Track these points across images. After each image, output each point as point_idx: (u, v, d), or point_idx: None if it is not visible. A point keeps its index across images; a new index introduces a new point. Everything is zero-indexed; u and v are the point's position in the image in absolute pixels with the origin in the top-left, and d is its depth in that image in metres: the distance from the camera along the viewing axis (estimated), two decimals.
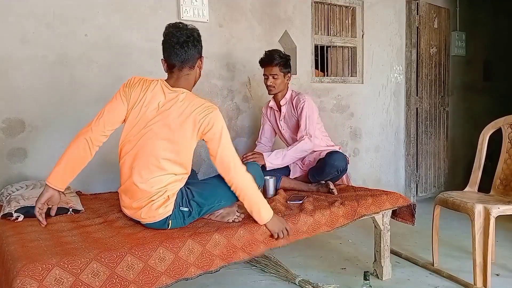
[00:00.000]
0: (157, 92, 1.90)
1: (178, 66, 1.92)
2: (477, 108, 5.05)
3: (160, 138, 1.83)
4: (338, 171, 2.63)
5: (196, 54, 1.93)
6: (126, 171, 1.89)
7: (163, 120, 1.84)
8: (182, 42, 1.88)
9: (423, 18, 4.33)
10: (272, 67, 2.72)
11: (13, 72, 2.49)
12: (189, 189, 1.95)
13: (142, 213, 1.85)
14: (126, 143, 1.90)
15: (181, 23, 1.95)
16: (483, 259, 2.33)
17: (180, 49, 1.89)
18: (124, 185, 1.91)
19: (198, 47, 1.94)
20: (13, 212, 1.97)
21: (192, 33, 1.92)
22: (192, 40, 1.90)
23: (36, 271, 1.42)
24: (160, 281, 1.62)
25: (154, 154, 1.83)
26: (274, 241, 1.95)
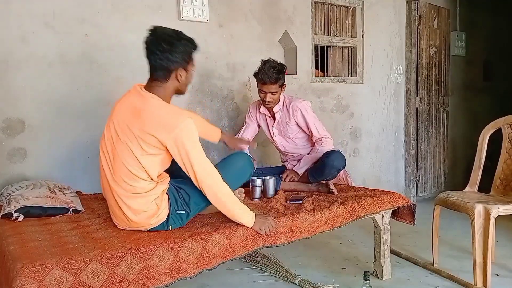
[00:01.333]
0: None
1: (151, 72, 1.82)
2: (477, 108, 5.05)
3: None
4: (338, 170, 2.64)
5: (170, 64, 1.77)
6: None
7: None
8: (149, 50, 1.78)
9: (423, 18, 4.33)
10: (272, 84, 2.64)
11: (13, 72, 2.49)
12: (183, 190, 1.89)
13: (133, 226, 1.83)
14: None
15: (159, 27, 1.82)
16: (483, 259, 2.33)
17: (148, 54, 1.79)
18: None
19: (174, 55, 1.77)
20: (13, 212, 1.97)
21: (164, 39, 1.76)
22: (162, 48, 1.75)
23: (36, 271, 1.42)
24: (160, 280, 1.62)
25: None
26: (273, 237, 1.95)
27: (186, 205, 1.88)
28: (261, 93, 2.71)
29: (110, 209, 1.91)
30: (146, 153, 1.74)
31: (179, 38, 1.80)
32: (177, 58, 1.78)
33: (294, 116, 2.77)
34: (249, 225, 1.87)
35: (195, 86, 3.11)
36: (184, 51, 1.81)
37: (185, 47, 1.81)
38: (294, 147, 2.89)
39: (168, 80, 1.82)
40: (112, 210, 1.89)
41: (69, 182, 2.55)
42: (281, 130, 2.87)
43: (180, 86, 1.87)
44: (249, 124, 2.95)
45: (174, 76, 1.82)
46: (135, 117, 1.75)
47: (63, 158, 2.66)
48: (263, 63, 2.67)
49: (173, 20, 2.98)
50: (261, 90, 2.70)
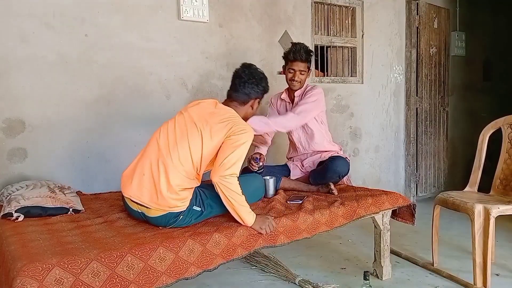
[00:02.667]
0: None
1: (231, 96, 2.16)
2: (477, 108, 5.05)
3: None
4: (340, 176, 2.64)
5: (253, 93, 2.13)
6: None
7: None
8: (241, 78, 2.14)
9: (423, 18, 4.33)
10: (301, 62, 2.70)
11: (13, 72, 2.49)
12: (202, 191, 2.02)
13: (155, 201, 1.87)
14: None
15: (253, 65, 2.22)
16: (483, 259, 2.33)
17: (238, 81, 2.15)
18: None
19: (258, 88, 2.14)
20: (13, 212, 1.97)
21: (257, 74, 2.15)
22: (253, 80, 2.13)
23: (36, 271, 1.42)
24: (160, 281, 1.62)
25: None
26: (273, 237, 1.96)
27: (202, 204, 1.98)
28: (289, 72, 2.76)
29: (133, 179, 1.94)
30: (210, 143, 1.95)
31: (264, 78, 2.20)
32: (258, 90, 2.16)
33: (308, 95, 2.76)
34: (250, 224, 1.92)
35: (195, 86, 3.12)
36: (264, 88, 2.19)
37: (265, 86, 2.19)
38: (308, 138, 2.85)
39: (245, 105, 2.16)
40: (139, 181, 1.92)
41: (69, 182, 2.55)
42: None
43: (250, 114, 2.21)
44: (270, 115, 2.97)
45: (250, 104, 2.17)
46: (212, 114, 2.02)
47: (63, 158, 2.66)
48: (293, 44, 2.78)
49: (173, 20, 2.98)
50: (291, 69, 2.75)
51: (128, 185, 1.96)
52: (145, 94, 2.92)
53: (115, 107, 2.80)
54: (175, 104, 2.98)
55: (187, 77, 3.06)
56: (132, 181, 1.95)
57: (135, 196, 1.92)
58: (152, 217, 1.90)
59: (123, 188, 2.00)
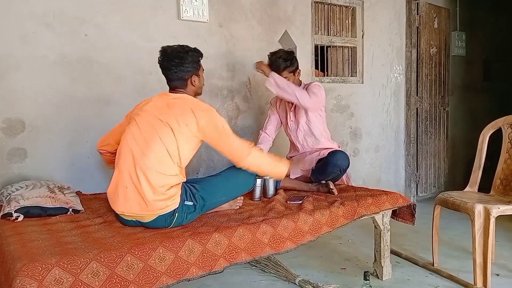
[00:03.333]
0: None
1: (170, 86, 2.12)
2: (477, 108, 5.05)
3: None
4: (341, 170, 2.64)
5: (184, 74, 2.06)
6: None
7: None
8: (164, 67, 2.07)
9: (423, 18, 4.33)
10: (280, 73, 2.74)
11: (13, 72, 2.49)
12: (191, 185, 2.02)
13: (144, 208, 1.86)
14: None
15: (168, 47, 2.09)
16: (483, 259, 2.33)
17: (165, 71, 2.09)
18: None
19: (185, 66, 2.05)
20: (13, 212, 1.97)
21: (174, 55, 2.05)
22: (175, 63, 2.04)
23: (36, 271, 1.42)
24: (161, 281, 1.62)
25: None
26: (279, 244, 1.97)
27: (193, 197, 1.98)
28: None
29: (119, 195, 1.92)
30: (183, 137, 1.93)
31: (186, 51, 2.08)
32: (188, 68, 2.07)
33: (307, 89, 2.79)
34: (285, 173, 2.21)
35: None
36: (192, 60, 2.09)
37: (192, 57, 2.09)
38: (307, 136, 2.88)
39: (186, 87, 2.11)
40: (124, 195, 1.90)
41: (69, 182, 2.55)
42: (296, 113, 2.89)
43: (196, 89, 2.16)
44: (270, 117, 3.03)
45: (189, 83, 2.11)
46: (170, 105, 1.99)
47: (63, 158, 2.66)
48: (271, 54, 2.82)
49: (173, 20, 2.98)
50: None
51: (116, 201, 1.94)
52: (145, 94, 2.90)
53: (115, 107, 2.80)
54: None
55: None
56: (118, 196, 1.93)
57: (125, 210, 1.91)
58: (148, 222, 1.89)
59: (112, 205, 1.98)
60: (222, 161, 3.11)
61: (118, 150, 2.04)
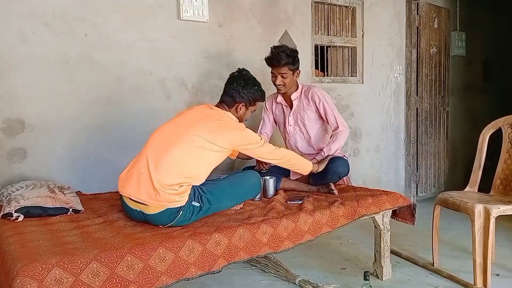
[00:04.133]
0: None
1: (222, 97, 2.25)
2: (477, 108, 5.06)
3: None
4: (340, 177, 2.63)
5: (237, 96, 2.19)
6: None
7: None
8: (230, 80, 2.24)
9: (423, 18, 4.33)
10: (280, 67, 2.67)
11: (13, 72, 2.49)
12: (200, 188, 2.03)
13: (152, 197, 1.88)
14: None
15: (246, 70, 2.30)
16: (483, 259, 2.33)
17: (227, 83, 2.25)
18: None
19: (242, 92, 2.19)
20: (13, 212, 1.97)
21: (244, 77, 2.23)
22: (238, 82, 2.20)
23: (36, 271, 1.42)
24: (161, 281, 1.62)
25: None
26: (277, 243, 1.97)
27: (200, 199, 1.99)
28: (272, 76, 2.74)
29: (132, 179, 1.95)
30: (208, 149, 2.00)
31: (254, 84, 2.25)
32: (243, 95, 2.20)
33: (312, 102, 2.76)
34: (311, 169, 2.42)
35: (195, 86, 3.12)
36: (252, 93, 2.23)
37: (254, 92, 2.24)
38: (305, 142, 2.87)
39: (232, 108, 2.22)
40: (137, 179, 1.94)
41: (69, 182, 2.55)
42: (297, 119, 2.85)
43: (236, 118, 2.22)
44: (264, 120, 2.99)
45: (235, 107, 2.22)
46: (209, 119, 2.08)
47: (63, 158, 2.66)
48: (273, 48, 2.73)
49: (173, 20, 2.98)
50: (272, 73, 2.74)
51: (127, 184, 1.97)
52: (145, 94, 2.92)
53: (115, 107, 2.80)
54: (175, 104, 2.98)
55: (187, 77, 3.06)
56: (130, 180, 1.96)
57: (133, 194, 1.93)
58: (151, 214, 1.90)
59: (120, 188, 2.01)
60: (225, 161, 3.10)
61: (149, 137, 2.09)
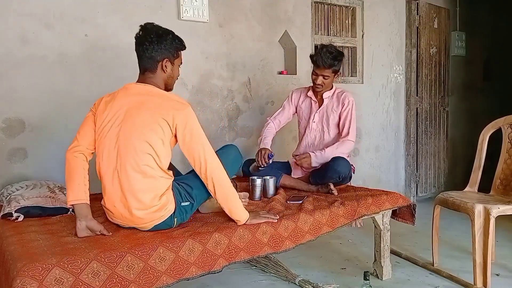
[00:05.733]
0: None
1: (140, 68, 1.93)
2: (477, 108, 5.06)
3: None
4: (340, 177, 2.59)
5: (156, 54, 1.87)
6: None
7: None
8: (139, 42, 1.90)
9: (423, 18, 4.33)
10: (324, 69, 2.66)
11: (13, 72, 2.49)
12: (183, 183, 1.93)
13: (138, 221, 1.81)
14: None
15: (150, 23, 1.91)
16: (483, 259, 2.33)
17: (138, 47, 1.91)
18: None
19: (160, 46, 1.87)
20: (13, 212, 1.97)
21: (153, 32, 1.87)
22: (150, 39, 1.86)
23: (36, 271, 1.41)
24: (161, 281, 1.62)
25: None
26: (278, 243, 1.95)
27: (189, 196, 1.91)
28: (313, 75, 2.74)
29: (110, 207, 1.85)
30: (158, 139, 1.78)
31: (167, 33, 1.91)
32: (162, 49, 1.88)
33: (341, 104, 2.76)
34: (243, 220, 1.89)
35: (195, 86, 3.11)
36: (170, 44, 1.90)
37: (172, 42, 1.91)
38: (322, 142, 2.85)
39: (156, 71, 1.90)
40: (116, 210, 1.83)
41: None
42: (322, 117, 2.84)
43: (166, 78, 1.94)
44: (285, 108, 2.95)
45: (160, 66, 1.90)
46: (140, 106, 1.81)
47: (63, 158, 2.65)
48: (321, 47, 2.71)
49: (173, 20, 2.98)
50: (314, 72, 2.73)
51: (110, 213, 1.89)
52: None
53: None
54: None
55: (187, 77, 3.06)
56: (111, 211, 1.87)
57: (122, 222, 1.87)
58: (147, 230, 1.85)
59: (108, 217, 1.93)
60: None
61: (98, 166, 1.90)
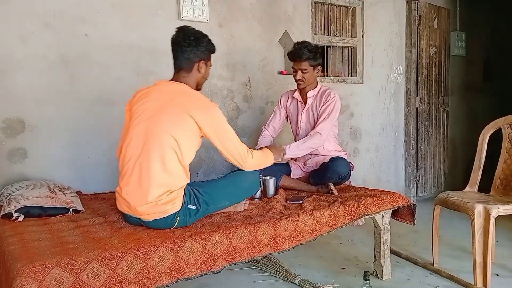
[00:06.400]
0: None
1: (175, 67, 2.04)
2: (477, 108, 5.06)
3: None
4: (340, 177, 2.60)
5: (194, 56, 2.00)
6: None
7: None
8: (177, 43, 2.00)
9: (423, 18, 4.33)
10: (300, 62, 2.68)
11: (13, 72, 2.49)
12: (196, 189, 1.99)
13: (144, 209, 1.85)
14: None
15: (186, 26, 2.05)
16: (483, 259, 2.33)
17: (175, 48, 2.01)
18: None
19: (197, 49, 2.00)
20: (13, 212, 1.97)
21: (191, 35, 2.00)
22: (189, 42, 1.98)
23: (36, 271, 1.42)
24: (160, 281, 1.62)
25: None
26: (278, 244, 1.96)
27: (197, 201, 1.95)
28: (293, 71, 2.76)
29: (124, 194, 1.90)
30: (184, 135, 1.88)
31: (204, 36, 2.06)
32: (200, 51, 2.02)
33: (325, 99, 2.75)
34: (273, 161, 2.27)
35: None
36: (206, 47, 2.06)
37: (207, 44, 2.06)
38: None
39: (191, 72, 2.03)
40: (129, 191, 1.88)
41: (69, 182, 2.55)
42: (309, 117, 2.84)
43: (200, 78, 2.07)
44: (276, 113, 2.97)
45: (196, 67, 2.03)
46: (171, 103, 1.91)
47: (63, 158, 2.67)
48: (296, 43, 2.75)
49: (173, 20, 2.98)
50: (293, 68, 2.76)
51: (119, 203, 1.95)
52: None
53: (115, 107, 2.79)
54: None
55: None
56: (122, 200, 1.92)
57: (128, 211, 1.91)
58: (149, 221, 1.87)
59: (117, 204, 1.99)
60: (221, 160, 3.11)
61: (122, 153, 1.97)
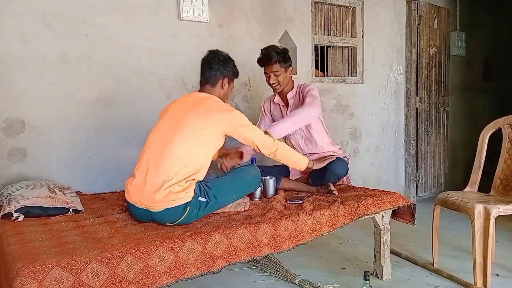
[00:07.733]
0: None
1: (202, 82, 2.25)
2: (477, 108, 5.06)
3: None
4: (339, 178, 2.62)
5: (219, 73, 2.21)
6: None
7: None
8: (207, 61, 2.23)
9: (423, 18, 4.33)
10: (271, 65, 2.68)
11: (13, 72, 2.49)
12: (205, 183, 2.07)
13: (157, 196, 1.90)
14: None
15: (217, 50, 2.29)
16: (483, 259, 2.33)
17: (204, 66, 2.24)
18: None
19: (223, 68, 2.22)
20: (13, 212, 1.97)
21: (221, 55, 2.25)
22: (218, 60, 2.22)
23: (36, 271, 1.42)
24: (160, 281, 1.62)
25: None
26: (278, 244, 1.97)
27: (206, 194, 2.03)
28: (266, 77, 2.75)
29: (137, 187, 1.97)
30: (204, 139, 2.04)
31: (231, 59, 2.29)
32: (224, 70, 2.23)
33: (305, 95, 2.73)
34: (305, 166, 2.36)
35: (195, 86, 3.10)
36: (231, 69, 2.27)
37: (233, 67, 2.29)
38: (306, 140, 2.84)
39: (216, 86, 2.23)
40: (141, 187, 1.96)
41: (69, 182, 2.56)
42: None
43: (222, 95, 2.25)
44: (261, 121, 2.96)
45: (220, 84, 2.23)
46: (200, 103, 2.11)
47: (63, 158, 2.67)
48: (262, 49, 2.75)
49: (173, 20, 2.98)
50: (265, 73, 2.74)
51: (131, 193, 2.00)
52: (145, 94, 2.92)
53: (115, 107, 2.80)
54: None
55: (187, 77, 3.06)
56: (135, 189, 1.99)
57: (139, 200, 1.96)
58: (158, 212, 1.91)
59: (127, 197, 2.04)
60: None
61: (147, 141, 2.11)
